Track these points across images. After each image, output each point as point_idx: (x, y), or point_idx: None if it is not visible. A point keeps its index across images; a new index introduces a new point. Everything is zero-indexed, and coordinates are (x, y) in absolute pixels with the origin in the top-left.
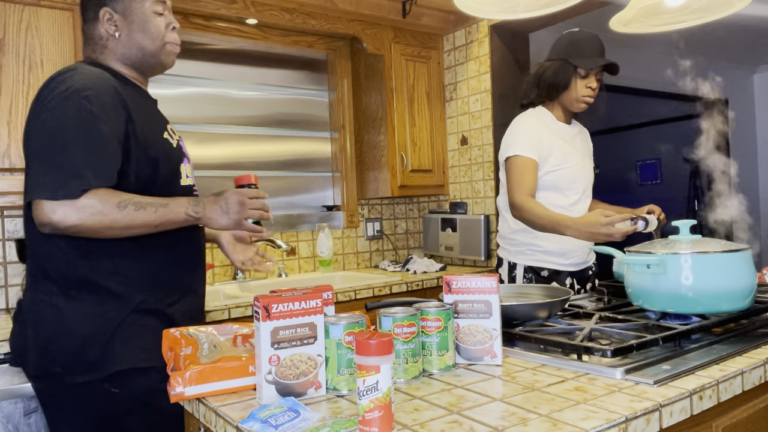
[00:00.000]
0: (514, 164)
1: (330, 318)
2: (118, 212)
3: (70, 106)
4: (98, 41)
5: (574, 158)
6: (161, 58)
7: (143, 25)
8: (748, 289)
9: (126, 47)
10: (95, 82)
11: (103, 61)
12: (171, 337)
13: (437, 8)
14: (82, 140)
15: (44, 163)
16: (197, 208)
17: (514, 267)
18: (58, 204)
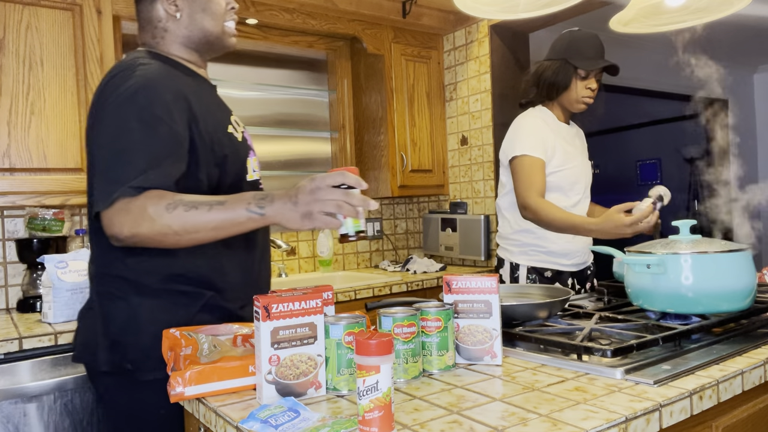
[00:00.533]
0: (522, 164)
1: (330, 318)
2: (167, 215)
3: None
4: (157, 24)
5: (575, 159)
6: (223, 40)
7: (205, 4)
8: (748, 289)
9: (188, 29)
10: (157, 79)
11: (163, 48)
12: (171, 337)
13: (437, 8)
14: (142, 145)
15: (101, 170)
16: (262, 203)
17: (516, 268)
18: (113, 213)
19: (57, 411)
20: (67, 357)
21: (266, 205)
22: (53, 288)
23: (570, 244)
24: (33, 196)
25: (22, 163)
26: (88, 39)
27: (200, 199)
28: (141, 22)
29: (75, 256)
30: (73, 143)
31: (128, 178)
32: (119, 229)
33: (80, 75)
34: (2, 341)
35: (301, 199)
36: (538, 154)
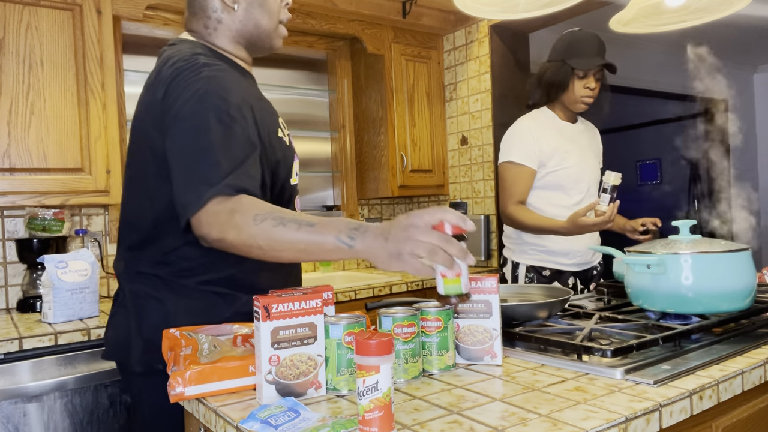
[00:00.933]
0: (506, 171)
1: (330, 318)
2: (254, 227)
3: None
4: (211, 14)
5: (576, 157)
6: (273, 39)
7: (263, 0)
8: (748, 289)
9: (243, 23)
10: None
11: (214, 40)
12: (171, 337)
13: (437, 8)
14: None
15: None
16: (353, 234)
17: (516, 266)
18: (203, 214)
19: (57, 411)
20: (68, 357)
21: (357, 237)
22: (53, 288)
23: (571, 244)
24: (33, 196)
25: (22, 163)
26: (88, 39)
27: (290, 216)
28: (193, 8)
29: (75, 256)
30: (73, 143)
31: (217, 178)
32: (207, 231)
33: (80, 75)
34: (2, 341)
35: (393, 235)
36: (523, 161)
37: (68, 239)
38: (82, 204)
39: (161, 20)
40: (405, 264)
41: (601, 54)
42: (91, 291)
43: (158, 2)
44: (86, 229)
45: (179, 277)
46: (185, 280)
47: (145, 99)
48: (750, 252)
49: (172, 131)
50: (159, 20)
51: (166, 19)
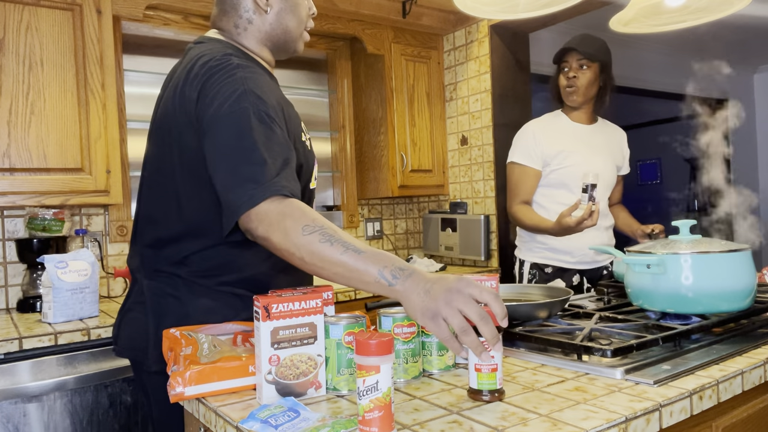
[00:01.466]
0: (511, 171)
1: (330, 318)
2: (300, 237)
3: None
4: (243, 14)
5: (579, 156)
6: (298, 44)
7: (294, 6)
8: (748, 289)
9: (273, 27)
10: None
11: (242, 41)
12: (171, 337)
13: (437, 8)
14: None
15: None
16: (398, 273)
17: (522, 263)
18: (252, 213)
19: (57, 411)
20: (68, 357)
21: (401, 278)
22: (53, 288)
23: (571, 242)
24: (33, 196)
25: (22, 163)
26: (88, 39)
27: (339, 235)
28: (224, 6)
29: (75, 256)
30: (73, 143)
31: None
32: (256, 226)
33: (80, 75)
34: (2, 341)
35: (435, 292)
36: (525, 161)
37: (68, 239)
38: (82, 204)
39: (161, 20)
40: (436, 326)
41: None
42: (91, 291)
43: (158, 2)
44: (86, 229)
45: (199, 277)
46: (205, 281)
47: (174, 97)
48: (750, 252)
49: (213, 131)
50: (159, 20)
51: (166, 19)
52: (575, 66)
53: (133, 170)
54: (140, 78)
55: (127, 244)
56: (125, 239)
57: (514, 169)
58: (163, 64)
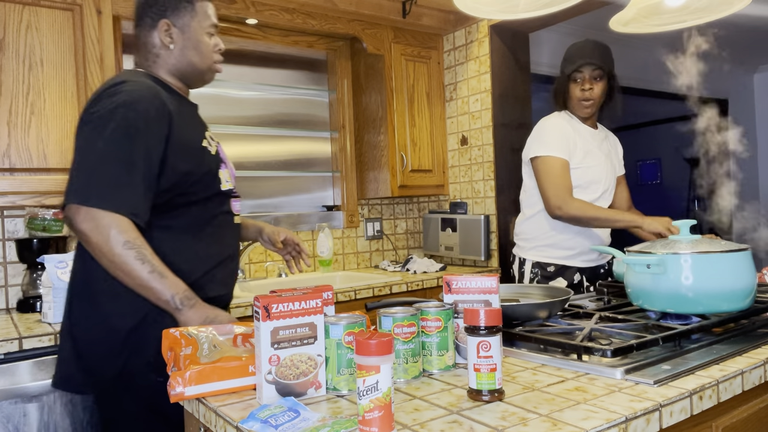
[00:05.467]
0: (549, 165)
1: (330, 318)
2: (120, 248)
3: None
4: (151, 49)
5: (596, 159)
6: (206, 76)
7: (197, 44)
8: (748, 289)
9: (178, 60)
10: (144, 95)
11: (153, 71)
12: (171, 337)
13: (437, 8)
14: (119, 156)
15: (82, 173)
16: (185, 302)
17: (523, 263)
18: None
19: (57, 411)
20: None
21: (186, 306)
22: (53, 288)
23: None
24: (33, 196)
25: (22, 163)
26: (88, 39)
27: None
28: (138, 45)
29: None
30: (72, 143)
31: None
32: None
33: (80, 75)
34: (2, 341)
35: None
36: (563, 154)
37: (68, 239)
38: None
39: None
40: None
41: (590, 57)
42: None
43: None
44: None
45: None
46: None
47: None
48: (750, 252)
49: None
50: None
51: None
52: (588, 78)
53: None
54: None
55: None
56: None
57: (552, 162)
58: None
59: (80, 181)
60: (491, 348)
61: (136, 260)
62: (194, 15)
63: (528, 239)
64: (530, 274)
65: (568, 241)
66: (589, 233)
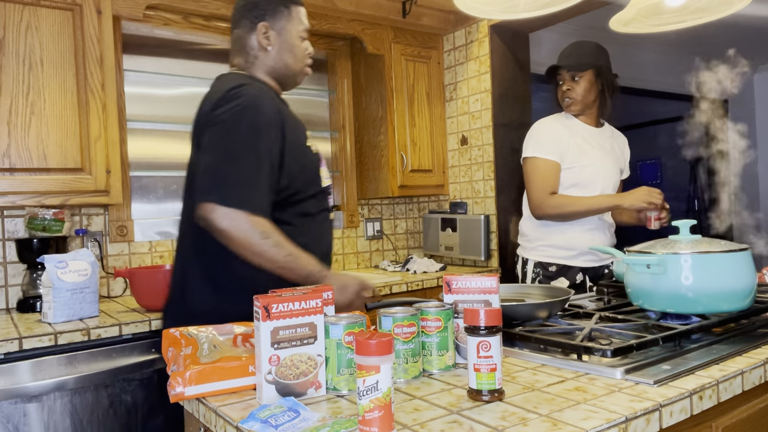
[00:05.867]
0: (534, 166)
1: (330, 318)
2: (258, 239)
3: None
4: (249, 51)
5: (593, 158)
6: (297, 78)
7: (291, 47)
8: (748, 289)
9: (275, 62)
10: (263, 97)
11: (252, 71)
12: (171, 336)
13: (437, 8)
14: (248, 156)
15: (216, 173)
16: (321, 274)
17: (526, 263)
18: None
19: (57, 411)
20: (68, 357)
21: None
22: (53, 288)
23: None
24: (33, 196)
25: (22, 163)
26: (88, 39)
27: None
28: (236, 46)
29: (75, 256)
30: (73, 143)
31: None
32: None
33: (80, 75)
34: (2, 341)
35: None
36: (550, 156)
37: (68, 239)
38: (82, 204)
39: (161, 20)
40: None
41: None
42: (91, 291)
43: (158, 2)
44: (86, 229)
45: None
46: None
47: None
48: (750, 252)
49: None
50: (159, 20)
51: (166, 19)
52: (567, 78)
53: (133, 170)
54: (140, 78)
55: (126, 244)
56: (125, 239)
57: (538, 163)
58: (163, 64)
59: (215, 182)
60: (491, 348)
61: (273, 247)
62: (290, 19)
63: (530, 239)
64: (532, 274)
65: (569, 241)
66: (591, 233)
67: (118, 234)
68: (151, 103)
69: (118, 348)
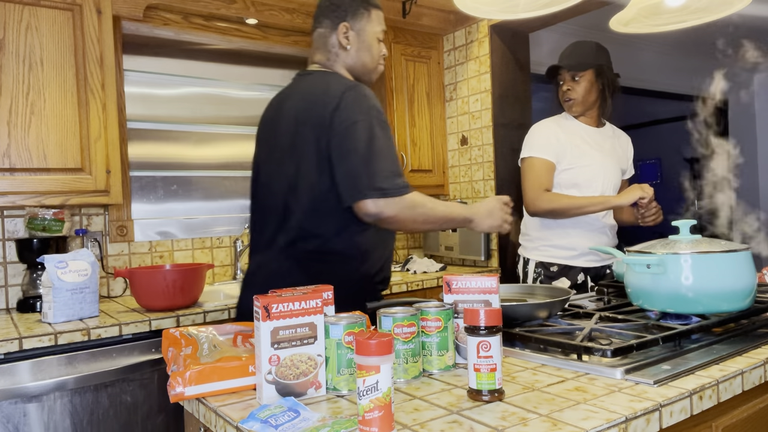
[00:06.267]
0: (530, 165)
1: (330, 318)
2: (420, 212)
3: (373, 120)
4: (330, 48)
5: (591, 158)
6: (372, 76)
7: (369, 47)
8: (748, 289)
9: (353, 60)
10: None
11: (332, 68)
12: (171, 337)
13: (437, 8)
14: (389, 149)
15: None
16: (472, 211)
17: (527, 263)
18: (384, 201)
19: (57, 411)
20: (68, 357)
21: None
22: (53, 288)
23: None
24: (33, 196)
25: (22, 163)
26: (88, 39)
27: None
28: (317, 43)
29: (75, 256)
30: (73, 143)
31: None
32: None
33: (80, 75)
34: (2, 341)
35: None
36: (546, 155)
37: (68, 239)
38: (82, 204)
39: (161, 20)
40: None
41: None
42: (91, 291)
43: (158, 2)
44: (86, 229)
45: None
46: None
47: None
48: (750, 252)
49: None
50: (159, 20)
51: (166, 19)
52: (567, 78)
53: (133, 170)
54: (140, 78)
55: (126, 244)
56: (125, 239)
57: (533, 163)
58: (163, 64)
59: (372, 179)
60: (491, 348)
61: (432, 212)
62: (369, 21)
63: (531, 239)
64: (533, 274)
65: (570, 242)
66: (593, 234)
67: (118, 234)
68: (151, 103)
69: (118, 348)
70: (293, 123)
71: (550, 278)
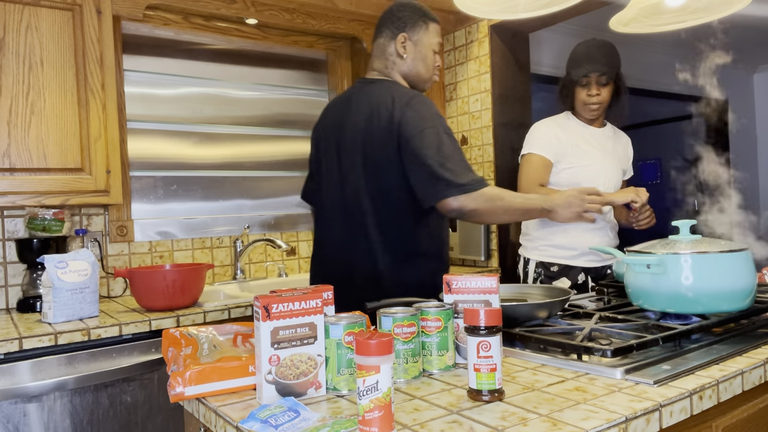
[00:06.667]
0: (528, 162)
1: (330, 318)
2: (499, 204)
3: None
4: (388, 57)
5: (592, 158)
6: (426, 85)
7: (424, 57)
8: (748, 289)
9: (409, 69)
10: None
11: (389, 75)
12: (171, 336)
13: (437, 8)
14: (457, 151)
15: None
16: (551, 202)
17: (527, 263)
18: (464, 197)
19: (57, 411)
20: (68, 357)
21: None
22: (53, 288)
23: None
24: (33, 196)
25: (22, 163)
26: (88, 39)
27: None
28: (377, 51)
29: (75, 256)
30: (73, 143)
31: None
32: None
33: (80, 75)
34: (2, 341)
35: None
36: (540, 152)
37: (68, 239)
38: (82, 204)
39: (161, 20)
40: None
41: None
42: (91, 291)
43: (158, 2)
44: (86, 229)
45: None
46: None
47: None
48: (750, 252)
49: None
50: (159, 20)
51: (166, 19)
52: (596, 83)
53: (133, 170)
54: (140, 78)
55: (126, 244)
56: (125, 239)
57: (531, 159)
58: (163, 64)
59: (452, 179)
60: (491, 348)
61: (510, 204)
62: (426, 32)
63: (532, 239)
64: (534, 274)
65: (571, 242)
66: (593, 233)
67: (118, 234)
68: (151, 103)
69: (118, 348)
70: (361, 130)
71: (551, 278)
